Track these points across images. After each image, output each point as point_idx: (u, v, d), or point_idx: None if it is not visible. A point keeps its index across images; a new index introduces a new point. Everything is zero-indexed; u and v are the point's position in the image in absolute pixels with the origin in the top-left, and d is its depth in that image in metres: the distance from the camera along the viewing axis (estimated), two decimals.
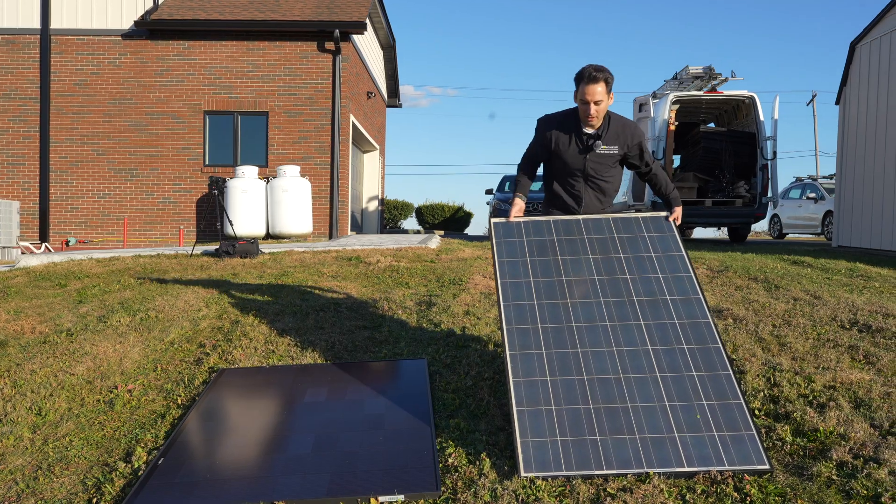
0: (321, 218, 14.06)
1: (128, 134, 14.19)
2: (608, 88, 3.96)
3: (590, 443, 3.20)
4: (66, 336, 5.47)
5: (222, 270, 8.05)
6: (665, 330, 3.66)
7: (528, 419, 3.29)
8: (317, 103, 14.09)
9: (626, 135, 4.11)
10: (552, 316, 3.75)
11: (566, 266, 3.99)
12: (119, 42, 14.20)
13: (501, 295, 3.86)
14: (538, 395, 3.39)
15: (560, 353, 3.57)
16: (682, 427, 3.25)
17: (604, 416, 3.30)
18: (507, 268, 4.02)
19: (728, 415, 3.30)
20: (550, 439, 3.22)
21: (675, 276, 3.92)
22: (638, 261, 4.00)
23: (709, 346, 3.59)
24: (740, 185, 13.69)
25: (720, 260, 8.39)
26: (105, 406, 4.23)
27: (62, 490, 3.30)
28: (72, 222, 14.28)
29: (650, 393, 3.39)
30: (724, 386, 3.42)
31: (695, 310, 3.75)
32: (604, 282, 3.90)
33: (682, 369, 3.49)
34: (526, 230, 4.21)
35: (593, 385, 3.43)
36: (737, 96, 13.57)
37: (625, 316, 3.73)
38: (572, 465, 3.11)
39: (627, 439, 3.20)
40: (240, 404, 4.07)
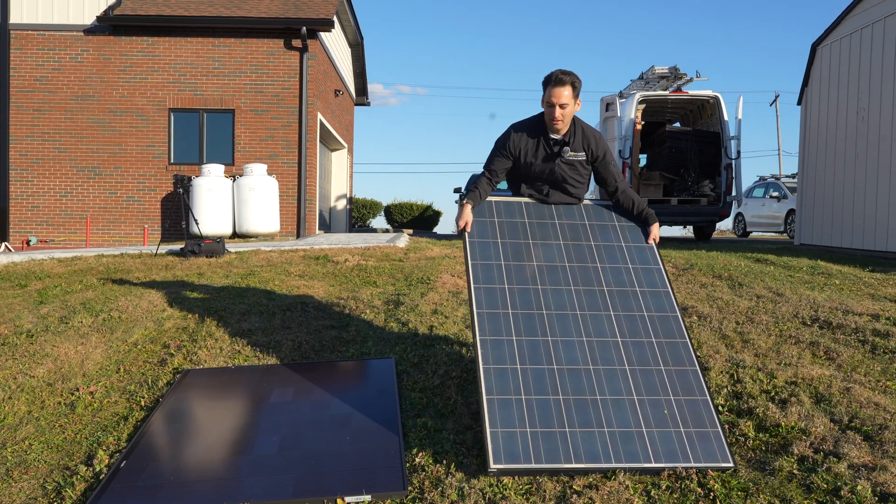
0: (289, 217, 13.96)
1: (90, 131, 13.95)
2: (575, 93, 3.95)
3: (559, 435, 3.19)
4: (26, 337, 5.36)
5: (187, 270, 7.95)
6: (634, 322, 3.67)
7: (499, 409, 3.26)
8: (284, 101, 13.98)
9: (591, 141, 4.10)
10: (523, 301, 3.71)
11: (537, 250, 3.95)
12: (81, 38, 13.95)
13: (472, 277, 3.80)
14: (508, 384, 3.36)
15: (531, 342, 3.54)
16: (650, 422, 3.26)
17: (573, 407, 3.29)
18: (477, 248, 3.95)
19: (694, 411, 3.31)
20: (520, 430, 3.19)
21: (644, 268, 3.92)
22: (608, 250, 4.00)
23: (677, 340, 3.61)
24: (705, 184, 13.86)
25: (685, 258, 8.49)
26: (66, 409, 4.15)
27: (21, 495, 3.23)
28: (33, 221, 14.00)
29: (619, 386, 3.40)
30: (692, 382, 3.44)
31: (664, 303, 3.77)
32: (575, 269, 3.88)
33: (650, 363, 3.50)
34: (497, 211, 4.15)
35: (563, 376, 3.41)
36: (702, 96, 13.74)
37: (595, 305, 3.72)
38: (541, 458, 3.10)
39: (596, 433, 3.20)
40: (205, 405, 4.02)
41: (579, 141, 4.07)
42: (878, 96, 10.29)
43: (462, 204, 4.11)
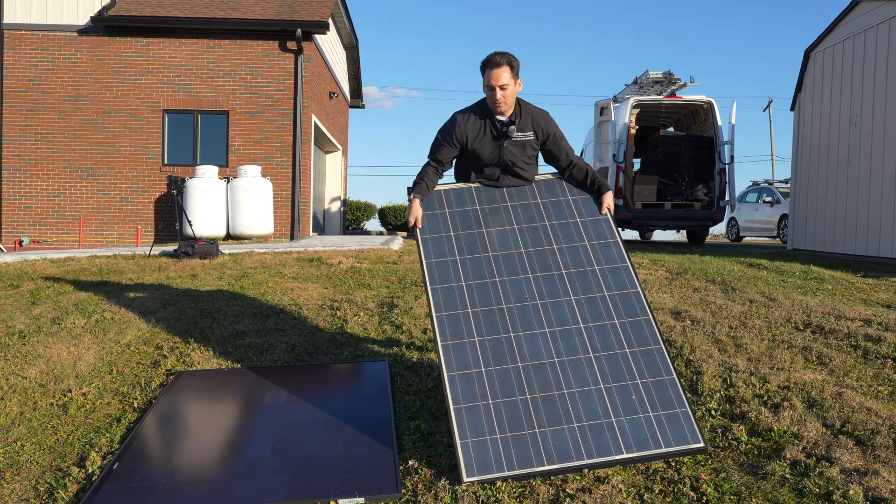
0: (282, 219, 13.94)
1: (84, 132, 13.90)
2: (514, 73, 3.88)
3: (529, 437, 3.15)
4: (19, 338, 5.34)
5: (181, 271, 7.94)
6: (595, 305, 3.61)
7: (467, 417, 3.21)
8: (278, 103, 13.97)
9: (539, 121, 4.03)
10: (482, 298, 3.62)
11: (492, 239, 3.86)
12: (75, 38, 13.91)
13: (428, 277, 3.71)
14: (474, 390, 3.30)
15: (493, 340, 3.47)
16: (619, 410, 3.24)
17: (541, 406, 3.25)
18: (430, 245, 3.85)
19: (662, 392, 3.30)
20: (490, 437, 3.15)
21: (601, 244, 3.84)
22: (564, 228, 3.91)
23: (639, 318, 3.57)
24: (699, 189, 13.91)
25: (679, 262, 8.51)
26: (58, 410, 4.13)
27: (13, 496, 3.21)
28: (25, 222, 13.95)
29: (585, 376, 3.35)
30: (657, 361, 3.40)
31: (623, 279, 3.71)
32: (531, 255, 3.80)
33: (614, 346, 3.45)
34: (447, 200, 4.05)
35: (528, 373, 3.36)
36: (695, 101, 13.79)
37: (554, 292, 3.65)
38: (514, 464, 3.06)
39: (566, 429, 3.17)
40: (198, 407, 4.01)
41: (527, 121, 4.00)
42: (871, 103, 10.35)
43: (410, 199, 4.01)
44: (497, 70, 3.84)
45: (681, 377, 3.43)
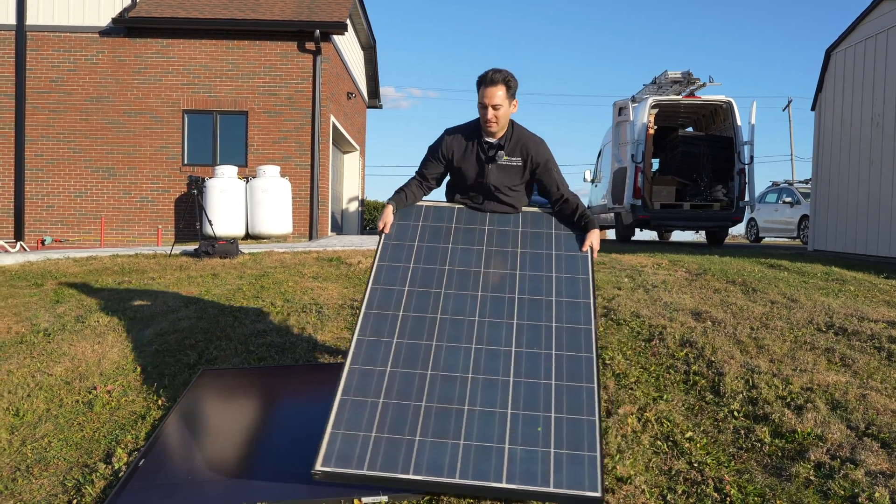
0: (301, 218, 14.01)
1: (105, 132, 14.04)
2: (510, 93, 3.70)
3: (406, 443, 2.96)
4: (44, 336, 5.41)
5: (202, 270, 8.00)
6: (538, 332, 3.37)
7: (349, 410, 3.07)
8: (297, 103, 14.04)
9: (530, 147, 3.83)
10: (419, 304, 3.50)
11: (454, 255, 3.72)
12: (96, 39, 14.05)
13: (372, 278, 3.62)
14: (370, 386, 3.16)
15: (412, 344, 3.33)
16: (518, 439, 2.96)
17: (433, 416, 3.05)
18: (389, 251, 3.76)
19: (575, 431, 2.98)
20: (364, 434, 2.99)
21: (569, 277, 3.63)
22: (535, 258, 3.72)
23: (581, 354, 3.28)
24: (718, 189, 13.83)
25: (698, 263, 8.47)
26: (84, 407, 4.19)
27: (41, 491, 3.26)
28: (48, 221, 14.10)
29: (495, 397, 3.11)
30: (583, 400, 3.10)
31: (579, 315, 3.45)
32: (489, 275, 3.63)
33: (541, 376, 3.19)
34: (426, 214, 3.95)
35: (435, 382, 3.18)
36: (714, 101, 13.71)
37: (498, 313, 3.46)
38: (376, 465, 2.88)
39: (450, 444, 2.94)
40: (220, 405, 4.04)
41: (516, 146, 3.83)
42: (893, 102, 10.24)
43: (384, 205, 3.93)
44: (492, 88, 3.67)
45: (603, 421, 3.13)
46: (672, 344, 4.78)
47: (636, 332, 5.09)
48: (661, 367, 4.43)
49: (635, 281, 6.92)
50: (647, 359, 4.58)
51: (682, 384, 4.19)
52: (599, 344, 4.82)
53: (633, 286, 6.63)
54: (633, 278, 7.08)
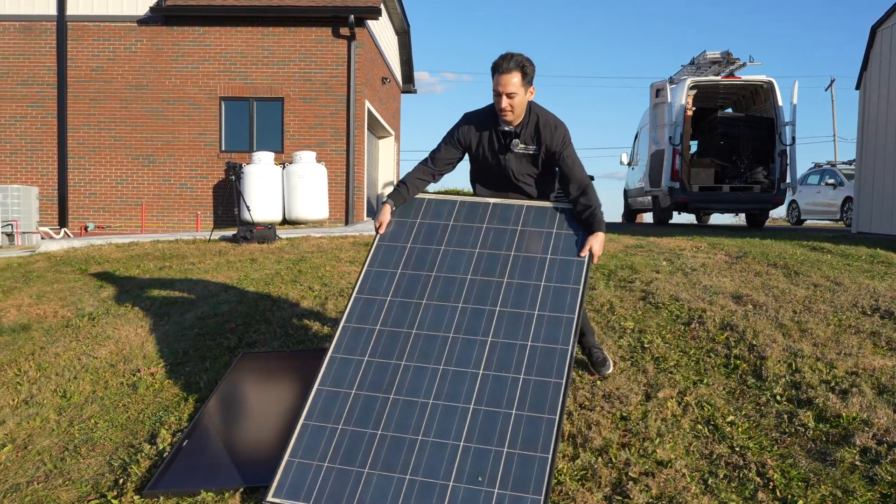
0: (337, 204, 14.09)
1: (144, 120, 14.24)
2: (525, 80, 3.53)
3: (354, 476, 2.87)
4: (89, 320, 5.52)
5: (240, 255, 8.10)
6: (510, 352, 3.20)
7: (309, 436, 3.02)
8: (332, 89, 14.08)
9: (544, 135, 3.66)
10: (397, 318, 3.40)
11: (444, 259, 3.60)
12: (135, 28, 14.22)
13: (359, 285, 3.56)
14: (333, 410, 3.10)
15: (380, 365, 3.23)
16: (464, 475, 2.81)
17: (386, 446, 2.95)
18: (381, 254, 3.68)
19: (524, 471, 2.80)
20: (317, 463, 2.93)
21: (558, 287, 3.42)
22: (527, 263, 3.54)
23: (549, 380, 3.08)
24: (758, 171, 13.57)
25: (738, 246, 8.34)
26: (129, 389, 4.27)
27: (89, 471, 3.34)
28: (90, 208, 14.38)
29: (450, 427, 2.97)
30: (540, 433, 2.90)
31: (559, 333, 3.24)
32: (475, 283, 3.48)
33: (502, 404, 3.02)
34: (425, 210, 3.83)
35: (395, 407, 3.07)
36: (755, 81, 13.43)
37: (475, 329, 3.31)
38: (322, 499, 2.81)
39: (395, 479, 2.84)
40: (259, 388, 4.10)
41: (532, 132, 3.67)
42: None
43: (382, 203, 3.80)
44: (506, 76, 3.49)
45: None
46: (712, 327, 4.72)
47: (675, 315, 5.03)
48: (702, 351, 4.38)
49: (674, 264, 6.84)
50: (687, 342, 4.53)
51: (722, 368, 4.14)
52: (639, 326, 4.78)
53: (672, 269, 6.55)
54: (671, 261, 7.00)
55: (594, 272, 6.33)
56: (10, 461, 3.53)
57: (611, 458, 3.18)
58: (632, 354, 4.34)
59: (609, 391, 3.81)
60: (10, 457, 3.57)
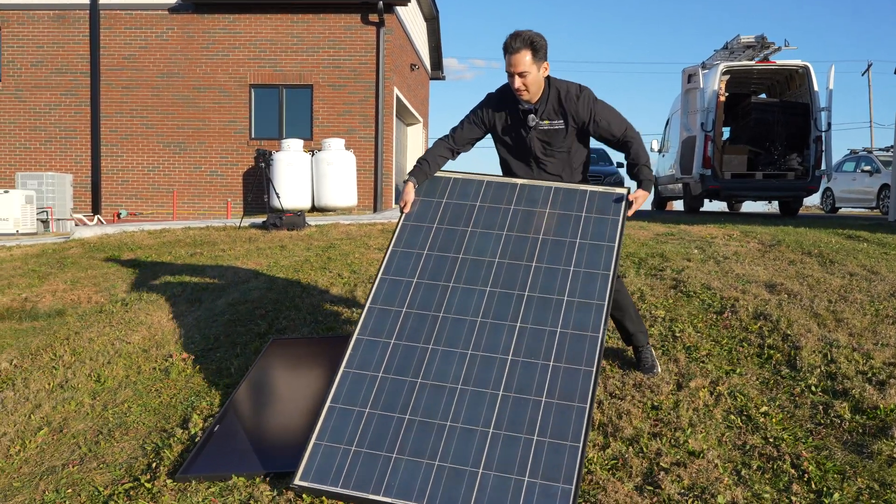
0: (365, 191, 14.12)
1: (175, 108, 14.37)
2: (537, 57, 3.43)
3: (383, 461, 2.85)
4: (122, 306, 5.60)
5: (270, 242, 8.15)
6: (540, 339, 3.13)
7: (336, 419, 3.00)
8: (361, 76, 14.08)
9: (568, 107, 3.55)
10: (424, 300, 3.33)
11: (471, 241, 3.51)
12: (166, 16, 14.33)
13: (384, 265, 3.48)
14: (360, 394, 3.07)
15: (408, 348, 3.18)
16: (493, 463, 2.78)
17: (415, 431, 2.92)
18: (406, 233, 3.59)
19: (554, 460, 2.76)
20: (345, 447, 2.91)
21: (588, 273, 3.34)
22: (556, 246, 3.44)
23: (580, 368, 3.01)
24: (793, 158, 13.33)
25: (772, 234, 8.21)
26: (161, 374, 4.32)
27: (122, 454, 3.39)
28: (123, 195, 14.57)
29: (479, 413, 2.94)
30: (570, 421, 2.86)
31: (589, 319, 3.17)
32: (502, 267, 3.40)
33: (531, 391, 2.97)
34: (451, 190, 3.72)
35: (423, 392, 3.03)
36: (790, 66, 13.16)
37: (503, 314, 3.24)
38: (350, 483, 2.80)
39: (424, 465, 2.82)
40: (290, 374, 4.12)
41: (553, 108, 3.56)
42: None
43: (405, 182, 3.70)
44: (516, 56, 3.40)
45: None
46: (745, 316, 4.65)
47: (707, 304, 4.97)
48: (734, 341, 4.32)
49: (705, 252, 6.75)
50: (719, 331, 4.47)
51: (755, 358, 4.08)
52: (670, 315, 4.73)
53: (704, 258, 6.47)
54: (703, 249, 6.91)
55: (624, 260, 6.27)
56: (46, 444, 3.59)
57: (642, 447, 3.15)
58: (663, 343, 4.30)
59: (640, 380, 3.77)
60: (46, 440, 3.63)
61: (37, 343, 4.94)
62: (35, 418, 3.86)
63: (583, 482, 2.91)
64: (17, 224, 11.90)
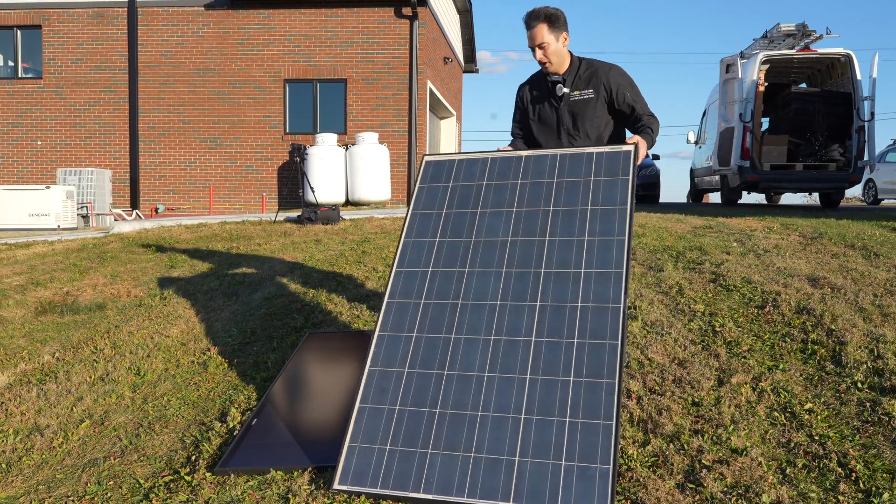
0: (399, 185, 14.13)
1: (211, 103, 14.51)
2: (554, 27, 3.60)
3: (419, 457, 2.84)
4: (160, 299, 5.66)
5: (305, 236, 8.19)
6: (561, 316, 3.06)
7: (367, 419, 2.99)
8: (394, 70, 14.08)
9: (600, 75, 3.66)
10: (441, 289, 3.29)
11: (482, 222, 3.45)
12: (202, 12, 14.46)
13: (398, 257, 3.46)
14: (388, 391, 3.05)
15: (431, 340, 3.14)
16: (529, 450, 2.75)
17: (447, 424, 2.89)
18: (417, 222, 3.55)
19: (589, 440, 2.72)
20: (380, 446, 2.90)
21: (603, 241, 3.24)
22: (568, 217, 3.35)
23: (605, 342, 2.94)
24: (834, 149, 13.04)
25: (813, 226, 8.04)
26: (199, 367, 4.36)
27: (163, 447, 3.42)
28: (160, 190, 14.76)
29: (509, 400, 2.90)
30: (601, 399, 2.80)
31: (608, 290, 3.08)
32: (516, 245, 3.33)
33: (559, 372, 2.92)
34: (457, 173, 3.67)
35: (451, 383, 3.00)
36: (831, 54, 12.87)
37: (522, 294, 3.17)
38: (389, 483, 2.79)
39: (461, 458, 2.79)
40: (326, 368, 4.13)
41: (583, 78, 3.67)
42: None
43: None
44: (533, 30, 3.61)
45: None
46: (787, 311, 4.55)
47: (748, 298, 4.87)
48: (776, 336, 4.23)
49: (745, 245, 6.63)
50: (761, 326, 4.38)
51: (799, 353, 3.99)
52: (709, 309, 4.65)
53: (743, 251, 6.35)
54: (742, 243, 6.79)
55: (661, 253, 6.18)
56: (87, 436, 3.65)
57: (683, 444, 3.10)
58: (702, 338, 4.23)
59: (679, 376, 3.71)
60: (88, 432, 3.69)
61: (78, 336, 5.02)
62: (77, 411, 3.92)
63: (623, 479, 2.87)
64: (59, 219, 12.12)
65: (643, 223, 8.10)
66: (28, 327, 5.46)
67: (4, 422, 3.83)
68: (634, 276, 5.47)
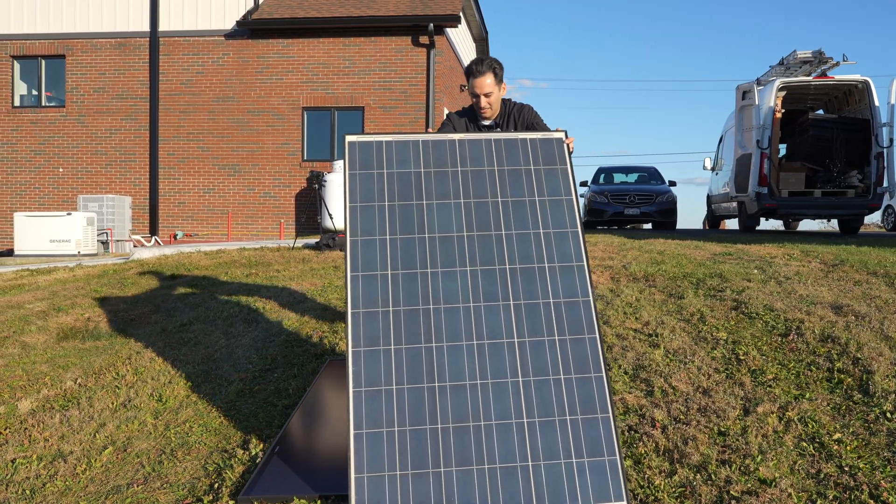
0: None
1: (230, 131, 14.67)
2: (497, 79, 4.04)
3: (433, 477, 2.73)
4: (180, 326, 5.68)
5: (323, 262, 8.22)
6: (537, 314, 3.04)
7: (367, 446, 2.80)
8: (411, 98, 14.20)
9: (517, 116, 4.16)
10: (408, 294, 3.08)
11: (431, 215, 3.25)
12: (222, 42, 14.68)
13: (350, 258, 3.14)
14: (381, 413, 2.86)
15: (412, 351, 2.97)
16: (539, 452, 2.76)
17: (452, 439, 2.81)
18: (360, 216, 3.23)
19: (592, 434, 2.78)
20: (389, 473, 2.75)
21: (558, 233, 3.22)
22: (518, 207, 3.28)
23: (584, 336, 2.99)
24: (853, 175, 12.99)
25: (834, 253, 7.98)
26: (221, 394, 4.36)
27: (185, 474, 3.42)
28: (179, 216, 14.89)
29: (508, 405, 2.86)
30: (594, 393, 2.85)
31: (575, 283, 3.10)
32: (474, 240, 3.19)
33: (548, 371, 2.92)
34: (388, 157, 3.38)
35: (445, 396, 2.89)
36: (849, 81, 12.87)
37: (493, 293, 3.08)
38: None
39: (475, 472, 2.74)
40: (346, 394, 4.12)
41: (509, 120, 4.14)
42: None
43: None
44: (481, 79, 3.99)
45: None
46: (811, 339, 4.51)
47: (770, 326, 4.83)
48: (801, 364, 4.18)
49: (766, 273, 6.59)
50: (785, 354, 4.33)
51: (825, 382, 3.94)
52: (732, 337, 4.61)
53: (764, 278, 6.31)
54: (763, 270, 6.74)
55: (681, 280, 6.15)
56: (110, 463, 3.65)
57: (710, 475, 3.06)
58: (726, 367, 4.19)
59: (704, 405, 3.67)
60: (111, 458, 3.69)
61: (100, 362, 5.05)
62: (100, 437, 3.92)
63: None
64: (79, 245, 12.24)
65: (662, 250, 8.07)
66: (50, 353, 5.49)
67: (28, 448, 3.85)
68: (655, 304, 5.44)
